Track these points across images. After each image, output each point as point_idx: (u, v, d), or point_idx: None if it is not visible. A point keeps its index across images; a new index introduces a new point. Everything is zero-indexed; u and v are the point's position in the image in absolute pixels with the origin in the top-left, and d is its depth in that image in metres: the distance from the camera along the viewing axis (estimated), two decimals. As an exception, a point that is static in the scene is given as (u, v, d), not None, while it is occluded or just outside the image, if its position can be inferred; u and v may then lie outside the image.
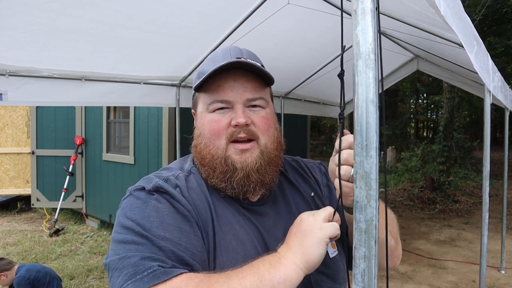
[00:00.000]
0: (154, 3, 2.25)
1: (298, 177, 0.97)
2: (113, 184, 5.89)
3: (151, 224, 0.70)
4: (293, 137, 6.77)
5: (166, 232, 0.70)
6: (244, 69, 0.82)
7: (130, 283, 0.62)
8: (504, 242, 4.46)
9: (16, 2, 1.84)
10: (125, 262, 0.65)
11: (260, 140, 0.82)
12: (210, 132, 0.82)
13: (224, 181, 0.81)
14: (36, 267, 3.21)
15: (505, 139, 4.88)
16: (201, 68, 0.87)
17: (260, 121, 0.83)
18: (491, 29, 11.66)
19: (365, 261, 0.50)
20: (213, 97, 0.82)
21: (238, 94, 0.81)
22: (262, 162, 0.82)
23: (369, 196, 0.50)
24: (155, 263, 0.64)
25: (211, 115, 0.83)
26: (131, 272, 0.63)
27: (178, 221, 0.73)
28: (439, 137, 9.43)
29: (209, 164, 0.82)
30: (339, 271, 0.87)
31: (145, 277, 0.62)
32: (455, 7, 1.37)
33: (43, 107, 6.23)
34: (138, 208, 0.74)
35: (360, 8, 0.49)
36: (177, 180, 0.81)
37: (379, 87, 0.52)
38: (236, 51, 0.86)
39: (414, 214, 7.19)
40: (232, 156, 0.81)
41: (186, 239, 0.71)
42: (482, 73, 2.26)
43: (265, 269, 0.67)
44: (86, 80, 2.74)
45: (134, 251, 0.66)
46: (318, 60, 3.93)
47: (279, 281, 0.67)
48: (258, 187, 0.82)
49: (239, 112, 0.80)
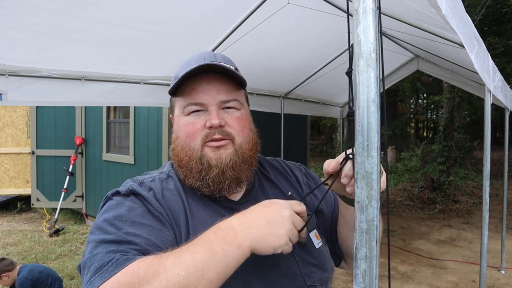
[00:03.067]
0: (154, 3, 2.25)
1: (279, 176, 0.99)
2: (113, 184, 5.89)
3: (124, 224, 0.72)
4: (293, 137, 6.77)
5: (137, 230, 0.72)
6: (217, 72, 0.85)
7: (97, 276, 0.63)
8: (504, 242, 4.46)
9: (16, 2, 1.84)
10: (93, 259, 0.67)
11: (235, 140, 0.84)
12: (185, 135, 0.84)
13: (199, 179, 0.83)
14: (39, 268, 3.19)
15: (505, 139, 4.88)
16: (176, 73, 0.89)
17: (234, 122, 0.85)
18: (491, 29, 11.65)
19: (366, 261, 0.50)
20: (187, 100, 0.84)
21: (212, 96, 0.83)
22: (236, 159, 0.84)
23: (370, 196, 0.50)
24: (118, 254, 0.66)
25: (186, 118, 0.85)
26: (97, 266, 0.64)
27: (150, 220, 0.75)
28: (439, 137, 9.43)
29: (186, 165, 0.84)
30: (326, 260, 0.90)
31: (109, 267, 0.63)
32: (456, 7, 1.37)
33: (43, 107, 6.23)
34: (112, 209, 0.76)
35: (361, 8, 0.49)
36: (152, 182, 0.84)
37: (380, 87, 0.51)
38: (210, 56, 0.88)
39: (414, 214, 7.19)
40: (207, 154, 0.83)
41: (156, 236, 0.72)
42: (483, 73, 2.26)
43: (218, 244, 0.66)
44: (86, 80, 2.74)
45: (101, 248, 0.68)
46: (318, 60, 3.93)
47: (232, 258, 0.66)
48: (233, 184, 0.84)
49: (213, 114, 0.82)
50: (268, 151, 1.08)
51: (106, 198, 0.82)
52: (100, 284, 0.61)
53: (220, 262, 0.64)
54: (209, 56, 0.88)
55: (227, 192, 0.85)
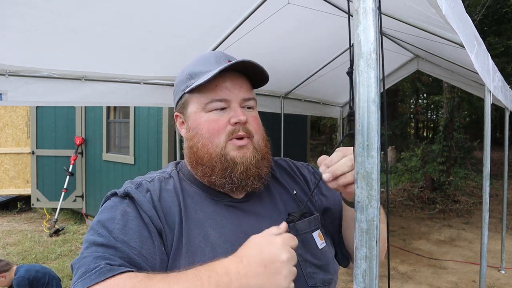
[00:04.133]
0: (154, 3, 2.25)
1: (286, 176, 0.99)
2: (113, 184, 5.89)
3: (114, 227, 0.73)
4: (293, 137, 6.77)
5: (125, 236, 0.72)
6: (237, 71, 0.87)
7: (80, 281, 0.64)
8: (504, 242, 4.46)
9: (16, 2, 1.84)
10: (81, 262, 0.68)
11: (254, 138, 0.87)
12: (209, 132, 0.84)
13: (224, 177, 0.83)
14: (35, 268, 3.21)
15: (505, 139, 4.88)
16: (192, 70, 0.88)
17: (253, 121, 0.88)
18: (491, 29, 11.65)
19: (366, 261, 0.50)
20: (210, 97, 0.84)
21: (235, 94, 0.85)
22: (257, 157, 0.86)
23: (370, 196, 0.50)
24: (103, 262, 0.66)
25: (208, 115, 0.84)
26: (83, 271, 0.65)
27: (140, 227, 0.75)
28: (439, 137, 9.43)
29: (207, 163, 0.84)
30: (330, 261, 0.89)
31: (92, 275, 0.64)
32: (456, 7, 1.37)
33: (43, 107, 6.22)
34: (108, 211, 0.77)
35: (361, 8, 0.49)
36: (151, 183, 0.84)
37: (381, 87, 0.51)
38: (225, 55, 0.90)
39: (414, 214, 7.19)
40: (231, 153, 0.83)
41: (142, 245, 0.73)
42: (483, 73, 2.26)
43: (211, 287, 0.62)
44: (86, 80, 2.74)
45: (92, 251, 0.69)
46: (318, 60, 3.93)
47: None
48: (255, 181, 0.86)
49: (239, 111, 0.84)
50: (268, 151, 1.09)
51: (105, 198, 0.83)
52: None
53: None
54: (224, 55, 0.89)
55: (249, 188, 0.86)
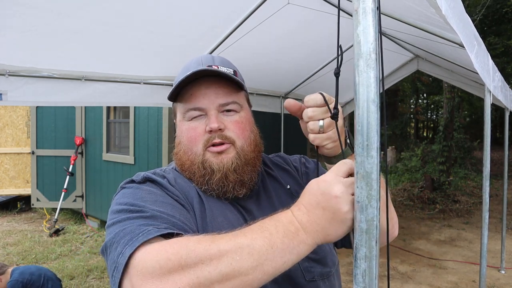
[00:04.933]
0: (154, 3, 2.25)
1: (280, 171, 1.01)
2: (113, 184, 5.89)
3: (145, 203, 0.72)
4: (293, 137, 6.75)
5: (160, 207, 0.72)
6: (215, 76, 0.86)
7: (128, 246, 0.61)
8: (504, 242, 4.46)
9: (16, 2, 1.84)
10: (122, 234, 0.65)
11: (236, 143, 0.86)
12: (187, 140, 0.86)
13: (203, 183, 0.84)
14: (30, 269, 3.15)
15: (505, 139, 4.88)
16: (177, 77, 0.90)
17: (233, 126, 0.86)
18: (491, 29, 11.66)
19: (366, 261, 0.50)
20: (187, 106, 0.86)
21: (210, 101, 0.85)
22: (238, 162, 0.85)
23: (370, 196, 0.50)
24: (150, 226, 0.65)
25: (188, 123, 0.87)
26: (128, 238, 0.62)
27: (170, 200, 0.77)
28: (439, 137, 9.43)
29: (189, 169, 0.87)
30: (327, 254, 0.88)
31: (140, 237, 0.62)
32: (456, 7, 1.37)
33: (43, 107, 6.22)
34: (130, 194, 0.77)
35: (361, 8, 0.49)
36: (165, 173, 0.88)
37: (380, 87, 0.51)
38: (207, 59, 0.89)
39: (414, 214, 7.19)
40: (209, 159, 0.84)
41: (179, 214, 0.74)
42: (483, 73, 2.26)
43: (278, 238, 0.59)
44: (86, 80, 2.74)
45: (129, 224, 0.66)
46: (319, 60, 3.93)
47: (291, 255, 0.59)
48: (237, 187, 0.85)
49: (212, 118, 0.84)
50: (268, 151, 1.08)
51: (120, 188, 0.82)
52: (133, 251, 0.59)
53: (279, 256, 0.59)
54: (206, 59, 0.89)
55: (231, 194, 0.86)
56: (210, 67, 0.84)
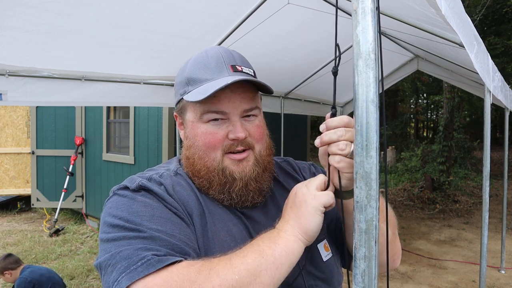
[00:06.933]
0: (154, 3, 2.25)
1: (288, 178, 0.96)
2: (113, 184, 5.72)
3: (141, 219, 0.68)
4: (293, 137, 6.77)
5: (158, 225, 0.68)
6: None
7: (124, 275, 0.60)
8: (504, 242, 4.46)
9: (16, 2, 1.84)
10: (118, 257, 0.63)
11: (255, 149, 0.82)
12: (205, 145, 0.80)
13: (222, 192, 0.80)
14: (41, 271, 3.15)
15: (505, 139, 4.88)
16: (190, 74, 0.82)
17: (255, 131, 0.82)
18: (491, 29, 11.65)
19: (365, 261, 0.50)
20: (207, 107, 0.78)
21: (235, 106, 0.79)
22: (258, 170, 0.82)
23: (369, 196, 0.50)
24: (148, 253, 0.62)
25: (205, 126, 0.80)
26: (125, 265, 0.61)
27: (168, 214, 0.71)
28: (439, 137, 9.44)
29: (204, 176, 0.80)
30: (334, 274, 0.87)
31: (139, 267, 0.60)
32: (455, 7, 1.37)
33: (43, 107, 6.22)
34: (124, 205, 0.71)
35: (360, 8, 0.49)
36: (161, 178, 0.79)
37: (379, 87, 0.51)
38: (229, 57, 0.82)
39: (414, 214, 7.19)
40: (230, 167, 0.80)
41: (179, 231, 0.69)
42: (483, 73, 2.26)
43: (265, 245, 0.66)
44: (86, 80, 2.74)
45: (126, 245, 0.64)
46: (318, 60, 3.93)
47: (281, 254, 0.66)
48: (256, 196, 0.82)
49: (238, 126, 0.78)
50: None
51: (112, 194, 0.77)
52: (130, 283, 0.59)
53: (271, 262, 0.64)
54: (228, 57, 0.82)
55: (249, 203, 0.82)
56: (234, 67, 0.80)
